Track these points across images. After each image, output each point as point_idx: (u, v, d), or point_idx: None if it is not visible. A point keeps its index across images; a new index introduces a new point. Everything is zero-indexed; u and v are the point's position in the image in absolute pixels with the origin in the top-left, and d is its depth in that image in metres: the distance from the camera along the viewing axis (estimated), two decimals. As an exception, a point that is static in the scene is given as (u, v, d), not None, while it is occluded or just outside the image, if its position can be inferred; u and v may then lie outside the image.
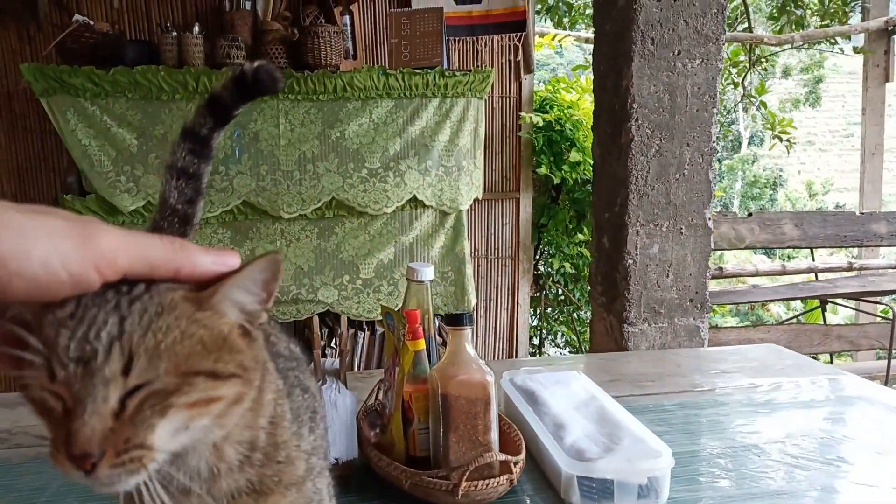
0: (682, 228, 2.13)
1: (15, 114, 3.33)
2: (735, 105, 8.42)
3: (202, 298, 0.40)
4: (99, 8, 3.32)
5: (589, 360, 1.77)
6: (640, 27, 2.04)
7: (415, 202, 3.34)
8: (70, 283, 0.36)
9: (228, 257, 0.42)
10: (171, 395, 0.38)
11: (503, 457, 0.95)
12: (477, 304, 3.95)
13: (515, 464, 0.97)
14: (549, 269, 4.32)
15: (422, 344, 1.04)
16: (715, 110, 2.10)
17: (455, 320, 1.00)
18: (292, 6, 3.43)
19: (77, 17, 3.08)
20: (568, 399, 1.19)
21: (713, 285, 5.65)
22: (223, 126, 0.72)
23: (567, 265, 4.16)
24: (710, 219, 2.13)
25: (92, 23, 3.10)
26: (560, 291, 4.54)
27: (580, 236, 4.07)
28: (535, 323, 4.69)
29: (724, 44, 2.10)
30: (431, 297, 1.14)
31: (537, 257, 4.35)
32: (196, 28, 3.16)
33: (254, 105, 3.07)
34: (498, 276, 4.07)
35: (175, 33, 3.11)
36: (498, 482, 0.94)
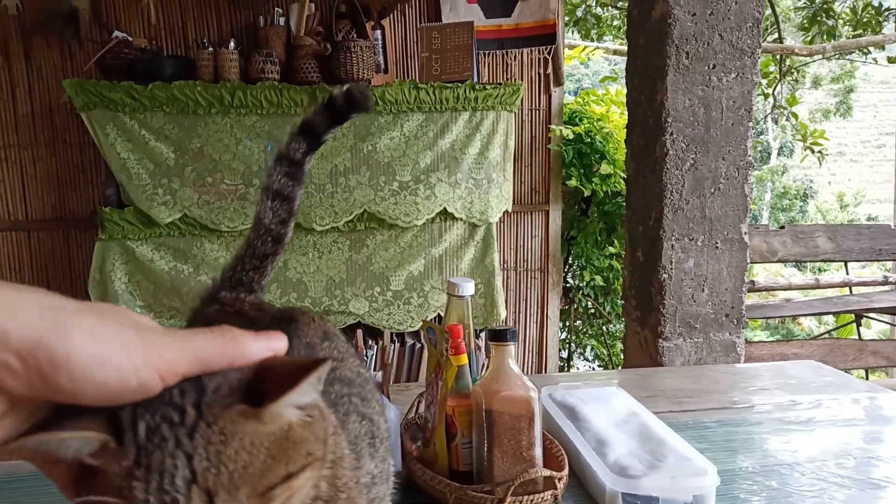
0: (717, 243, 2.11)
1: (56, 128, 3.41)
2: (765, 116, 8.33)
3: (261, 415, 0.39)
4: (137, 25, 3.40)
5: (624, 376, 1.76)
6: (675, 41, 2.04)
7: (445, 214, 3.36)
8: (138, 390, 0.37)
9: (276, 342, 0.43)
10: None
11: (547, 472, 0.96)
12: (506, 317, 3.95)
13: (559, 479, 0.97)
14: (579, 282, 4.30)
15: (465, 359, 1.05)
16: (750, 124, 2.09)
17: (499, 336, 1.01)
18: (325, 22, 3.48)
19: (117, 33, 3.16)
20: (609, 415, 1.19)
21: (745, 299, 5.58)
22: (315, 150, 0.76)
23: (597, 278, 4.14)
24: (745, 233, 2.12)
25: (131, 39, 3.17)
26: (590, 305, 4.52)
27: (610, 249, 4.05)
28: (563, 336, 4.67)
29: (759, 57, 2.09)
30: (472, 311, 1.15)
31: (567, 270, 4.34)
32: (231, 44, 3.23)
33: (286, 119, 3.12)
34: (527, 288, 4.06)
35: (211, 49, 3.18)
36: (542, 497, 0.94)
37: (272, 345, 0.43)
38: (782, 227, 4.91)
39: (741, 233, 2.11)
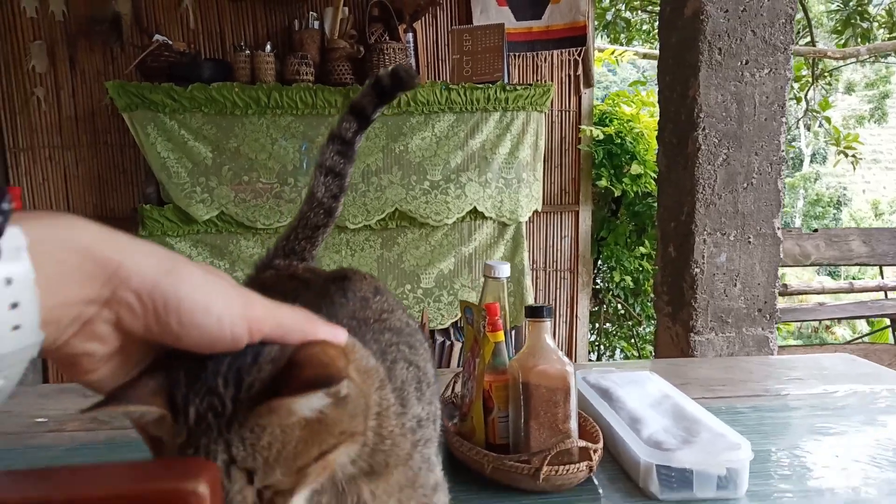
0: (750, 238, 2.11)
1: (98, 130, 3.52)
2: (797, 121, 8.23)
3: (286, 408, 0.42)
4: (177, 29, 3.50)
5: (657, 365, 1.77)
6: (708, 38, 2.05)
7: (475, 213, 3.40)
8: (230, 340, 0.41)
9: (340, 333, 0.47)
10: (294, 486, 0.43)
11: (583, 443, 0.98)
12: (535, 317, 3.96)
13: (595, 451, 0.99)
14: (609, 284, 4.30)
15: (501, 336, 1.08)
16: (783, 119, 2.09)
17: (535, 312, 1.04)
18: (358, 25, 3.55)
19: (157, 37, 3.26)
20: (643, 397, 1.21)
21: (778, 303, 5.52)
22: (365, 129, 0.80)
23: (627, 279, 4.14)
24: (778, 228, 2.11)
25: (171, 42, 3.27)
26: (619, 306, 4.51)
27: (641, 249, 4.05)
28: (593, 338, 4.66)
29: (791, 54, 2.09)
30: (507, 294, 1.18)
31: (596, 271, 4.34)
32: (268, 47, 3.30)
33: (321, 119, 3.19)
34: (557, 289, 4.07)
35: (248, 52, 3.26)
36: (578, 468, 0.97)
37: (336, 334, 0.47)
38: (815, 231, 4.85)
39: (774, 228, 2.11)
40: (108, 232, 0.37)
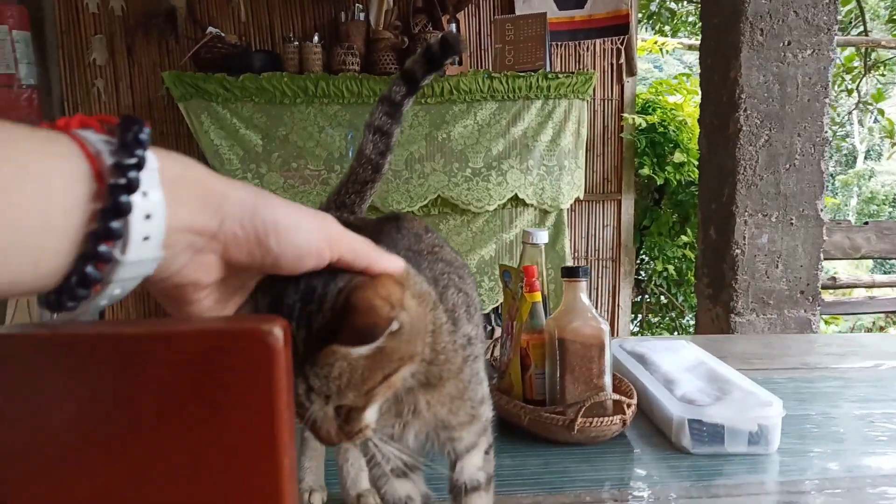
0: (792, 219, 2.11)
1: (154, 120, 3.66)
2: (849, 113, 8.01)
3: (342, 353, 0.47)
4: (229, 22, 3.61)
5: (695, 340, 1.79)
6: (749, 18, 2.05)
7: (516, 201, 3.43)
8: (316, 256, 0.46)
9: (397, 262, 0.52)
10: (365, 404, 0.50)
11: (616, 396, 1.02)
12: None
13: (628, 406, 1.03)
14: (651, 274, 4.28)
15: (538, 296, 1.13)
16: (827, 100, 2.08)
17: (571, 273, 1.08)
18: (402, 16, 3.61)
19: (210, 29, 3.37)
20: (678, 362, 1.24)
21: (826, 296, 5.41)
22: (413, 94, 0.85)
23: (669, 268, 4.12)
24: (821, 209, 2.10)
25: (223, 35, 3.38)
26: (662, 296, 4.49)
27: (684, 238, 4.02)
28: (635, 329, 4.65)
29: (836, 34, 2.07)
30: (545, 259, 1.22)
31: (639, 261, 4.32)
32: (315, 38, 3.39)
33: (366, 108, 3.26)
34: (598, 278, 4.07)
35: (296, 43, 3.35)
36: (612, 421, 1.00)
37: (395, 263, 0.52)
38: (866, 224, 4.75)
39: (817, 209, 2.10)
40: (212, 172, 0.42)
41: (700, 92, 2.35)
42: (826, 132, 2.04)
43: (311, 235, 0.45)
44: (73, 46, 3.55)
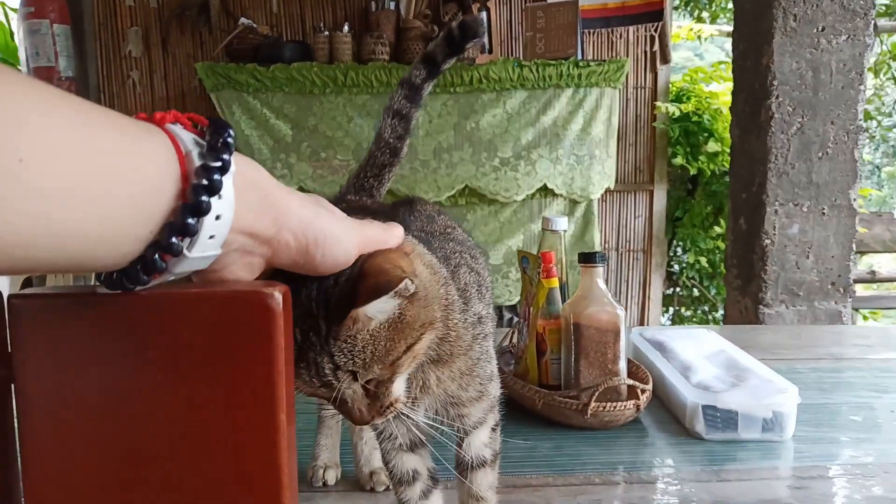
0: (824, 209, 2.07)
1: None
2: (895, 102, 7.77)
3: (361, 316, 0.49)
4: (261, 12, 3.66)
5: (721, 331, 1.77)
6: (782, 4, 2.01)
7: (545, 191, 3.41)
8: (348, 263, 0.49)
9: (398, 230, 0.55)
10: (392, 375, 0.52)
11: (631, 382, 1.02)
12: (606, 296, 3.95)
13: (642, 391, 1.03)
14: (683, 265, 4.23)
15: (555, 282, 1.13)
16: (862, 87, 2.03)
17: (588, 258, 1.08)
18: (432, 4, 3.61)
19: (243, 20, 3.42)
20: (697, 350, 1.23)
21: (863, 290, 5.27)
22: (434, 77, 0.87)
23: (702, 260, 4.06)
24: (854, 199, 2.06)
25: (255, 26, 3.43)
26: (695, 289, 4.43)
27: (717, 230, 3.96)
28: (666, 323, 4.59)
29: (873, 19, 2.02)
30: (565, 246, 1.23)
31: (671, 253, 4.27)
32: (345, 28, 3.42)
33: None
34: (629, 269, 4.04)
35: (327, 33, 3.38)
36: (625, 406, 1.01)
37: (396, 231, 0.54)
38: (909, 215, 4.62)
39: (850, 199, 2.06)
40: (274, 179, 0.45)
41: (732, 79, 2.31)
42: (860, 120, 1.99)
43: (350, 247, 0.48)
44: (110, 39, 3.64)
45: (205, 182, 0.36)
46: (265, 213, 0.42)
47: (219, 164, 0.37)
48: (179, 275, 0.39)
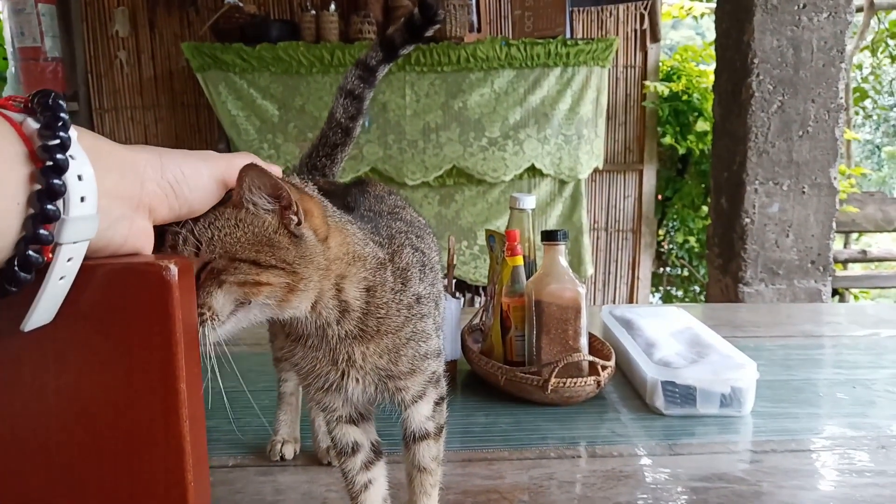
0: (804, 187, 2.07)
1: (175, 91, 3.72)
2: (892, 80, 7.74)
3: (234, 202, 0.52)
4: (247, -8, 3.63)
5: (694, 310, 1.79)
6: (764, -20, 2.00)
7: (533, 171, 3.41)
8: (220, 191, 0.52)
9: (275, 168, 0.56)
10: (223, 273, 0.51)
11: (591, 358, 1.03)
12: (594, 277, 3.97)
13: (603, 368, 1.04)
14: (672, 245, 4.24)
15: (520, 260, 1.14)
16: (843, 65, 2.02)
17: (550, 236, 1.09)
18: (421, -17, 3.58)
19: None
20: (664, 327, 1.24)
21: (857, 269, 5.28)
22: (390, 62, 0.87)
23: (691, 240, 4.07)
24: (835, 178, 2.06)
25: (241, 5, 3.40)
26: (684, 269, 4.44)
27: (706, 209, 3.96)
28: (657, 303, 4.61)
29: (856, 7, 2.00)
30: (532, 224, 1.23)
31: (661, 233, 4.28)
32: (332, 6, 3.39)
33: (382, 77, 3.25)
34: (618, 249, 4.05)
35: (314, 12, 3.36)
36: (586, 382, 1.02)
37: (273, 168, 0.55)
38: (901, 194, 4.61)
39: (830, 178, 2.06)
40: (107, 139, 0.45)
41: (716, 58, 2.30)
42: (841, 98, 1.99)
43: (215, 172, 0.50)
44: (97, 18, 3.62)
45: (49, 163, 0.37)
46: (123, 175, 0.43)
47: (62, 136, 0.37)
48: (75, 248, 0.38)
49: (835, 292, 4.16)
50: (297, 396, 0.90)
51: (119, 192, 0.42)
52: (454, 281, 1.32)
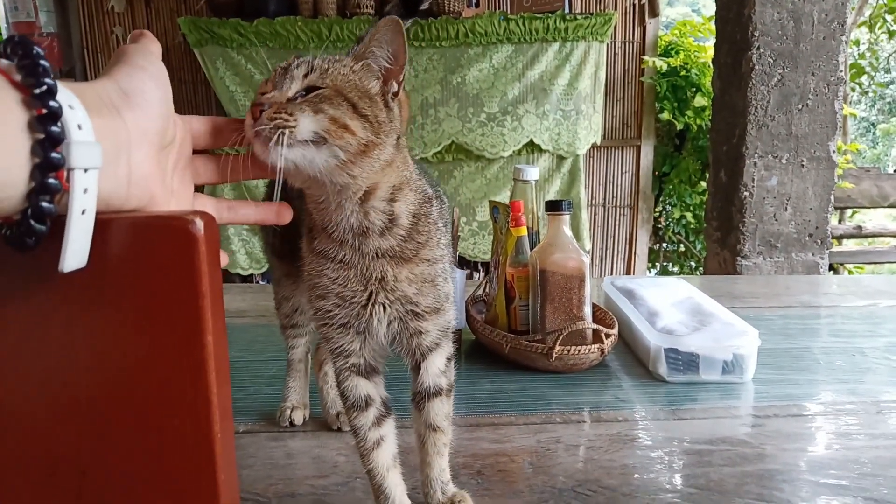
0: (803, 161, 2.08)
1: (172, 67, 3.68)
2: (889, 56, 7.70)
3: (357, 55, 0.58)
4: (243, -35, 3.59)
5: (694, 281, 1.80)
6: (766, -48, 1.99)
7: (531, 146, 3.41)
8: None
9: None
10: (323, 102, 0.54)
11: (595, 326, 1.04)
12: (592, 252, 3.98)
13: (607, 336, 1.05)
14: (670, 221, 4.25)
15: (524, 231, 1.15)
16: (843, 38, 2.02)
17: (554, 206, 1.09)
18: (418, -43, 3.55)
19: (225, -27, 3.35)
20: (665, 297, 1.26)
21: (851, 245, 5.31)
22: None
23: (688, 215, 4.08)
24: (833, 151, 2.06)
25: (238, -21, 3.36)
26: (681, 244, 4.46)
27: (703, 185, 3.97)
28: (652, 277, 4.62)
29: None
30: (535, 196, 1.24)
31: (658, 209, 4.29)
32: (329, -19, 3.36)
33: (381, 52, 3.24)
34: (615, 225, 4.06)
35: (310, -14, 3.32)
36: (590, 349, 1.03)
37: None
38: (897, 171, 4.63)
39: (829, 151, 2.06)
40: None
41: (716, 31, 2.29)
42: (841, 71, 1.99)
43: (165, 92, 0.52)
44: (92, -7, 3.58)
45: (41, 88, 0.37)
46: (101, 107, 0.43)
47: (41, 68, 0.37)
48: (87, 178, 0.38)
49: (830, 267, 4.19)
50: (306, 363, 0.92)
51: (101, 122, 0.42)
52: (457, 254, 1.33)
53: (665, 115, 3.79)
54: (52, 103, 0.36)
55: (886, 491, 0.71)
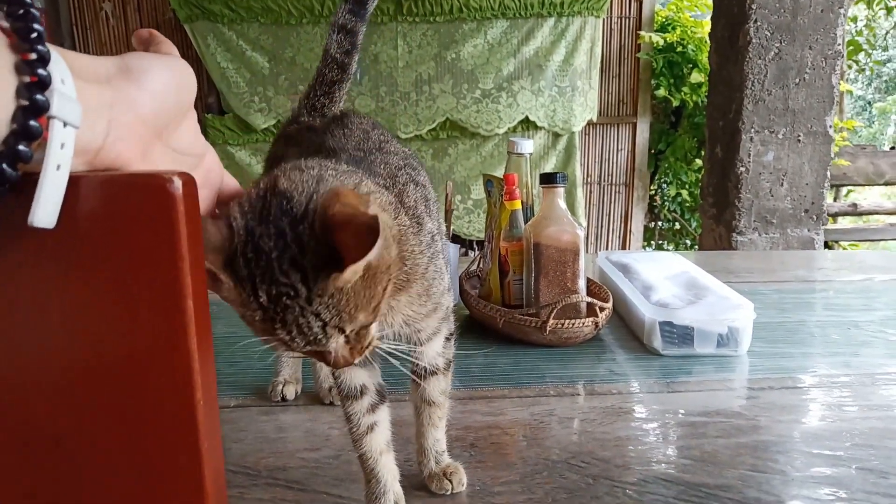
0: (800, 136, 2.06)
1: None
2: (886, 33, 7.65)
3: (349, 274, 0.46)
4: (234, -61, 3.53)
5: (688, 256, 1.79)
6: (764, -77, 1.96)
7: (527, 123, 3.38)
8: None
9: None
10: (372, 320, 0.50)
11: (589, 299, 1.03)
12: (587, 230, 3.97)
13: (601, 309, 1.04)
14: (665, 198, 4.23)
15: (518, 204, 1.13)
16: (842, 10, 2.00)
17: (548, 179, 1.08)
18: (412, -70, 3.49)
19: (215, -53, 3.30)
20: (660, 271, 1.25)
21: (846, 223, 5.31)
22: None
23: (683, 192, 4.06)
24: (830, 126, 2.05)
25: (228, -47, 3.31)
26: (676, 222, 4.45)
27: (699, 162, 3.95)
28: (648, 254, 4.61)
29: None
30: (530, 169, 1.22)
31: (654, 186, 4.27)
32: (321, -46, 3.30)
33: (373, 28, 3.20)
34: (610, 202, 4.05)
35: (302, -41, 3.27)
36: (584, 323, 1.02)
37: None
38: (893, 148, 4.63)
39: (826, 126, 2.05)
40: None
41: (713, 4, 2.26)
42: (839, 45, 1.97)
43: (172, 77, 0.48)
44: (80, -32, 3.51)
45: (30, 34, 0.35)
46: (88, 79, 0.41)
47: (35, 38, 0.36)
48: (66, 133, 0.36)
49: (825, 244, 4.19)
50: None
51: (90, 69, 0.40)
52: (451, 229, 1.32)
53: (661, 92, 3.76)
54: (40, 48, 0.35)
55: (879, 461, 0.71)
